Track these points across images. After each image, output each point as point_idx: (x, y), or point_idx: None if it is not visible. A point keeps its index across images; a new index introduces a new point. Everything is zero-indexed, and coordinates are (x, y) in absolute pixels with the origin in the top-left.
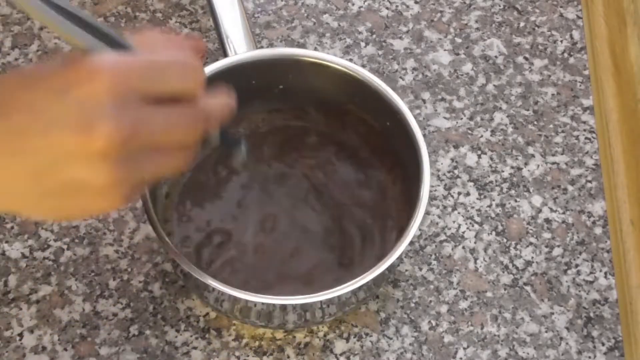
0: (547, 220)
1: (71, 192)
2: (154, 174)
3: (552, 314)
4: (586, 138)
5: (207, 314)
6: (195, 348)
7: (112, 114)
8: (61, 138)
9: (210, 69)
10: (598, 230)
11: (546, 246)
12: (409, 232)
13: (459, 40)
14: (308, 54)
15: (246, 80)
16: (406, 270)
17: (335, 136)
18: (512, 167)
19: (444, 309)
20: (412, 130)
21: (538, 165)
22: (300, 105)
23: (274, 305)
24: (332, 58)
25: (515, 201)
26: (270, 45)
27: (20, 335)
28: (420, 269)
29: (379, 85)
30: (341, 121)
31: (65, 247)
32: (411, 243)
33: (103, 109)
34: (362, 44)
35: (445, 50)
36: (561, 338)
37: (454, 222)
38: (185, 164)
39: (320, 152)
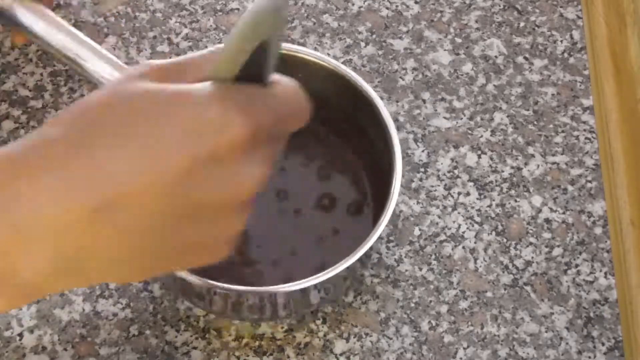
0: (547, 220)
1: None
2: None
3: (552, 314)
4: (586, 138)
5: (207, 314)
6: (195, 348)
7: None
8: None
9: None
10: (598, 230)
11: (546, 246)
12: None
13: (459, 40)
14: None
15: None
16: (406, 270)
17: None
18: (512, 167)
19: (444, 309)
20: (382, 116)
21: (538, 165)
22: None
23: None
24: (305, 50)
25: (515, 201)
26: None
27: (20, 335)
28: (420, 269)
29: (345, 71)
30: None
31: None
32: (411, 243)
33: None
34: (362, 44)
35: (445, 50)
36: (561, 338)
37: (454, 222)
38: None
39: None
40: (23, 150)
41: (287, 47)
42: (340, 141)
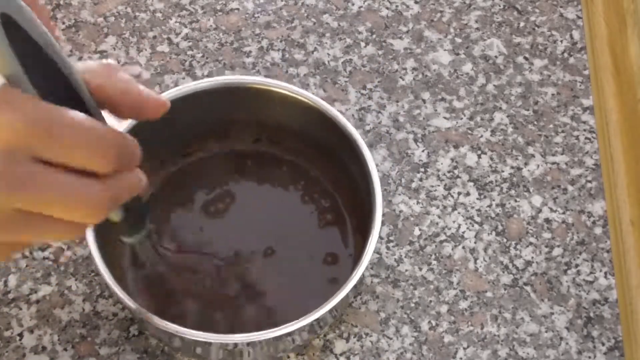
0: (547, 220)
1: None
2: (35, 238)
3: (552, 314)
4: (586, 138)
5: None
6: None
7: None
8: None
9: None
10: (598, 230)
11: (546, 246)
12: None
13: (459, 40)
14: (252, 80)
15: (194, 112)
16: (406, 270)
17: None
18: (512, 167)
19: (444, 309)
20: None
21: (538, 165)
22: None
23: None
24: (282, 84)
25: (515, 201)
26: (270, 46)
27: (20, 335)
28: (420, 269)
29: (326, 109)
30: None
31: (65, 247)
32: (411, 243)
33: None
34: (362, 44)
35: (445, 50)
36: (561, 338)
37: (454, 222)
38: (77, 235)
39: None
40: None
41: (266, 82)
42: (321, 174)
